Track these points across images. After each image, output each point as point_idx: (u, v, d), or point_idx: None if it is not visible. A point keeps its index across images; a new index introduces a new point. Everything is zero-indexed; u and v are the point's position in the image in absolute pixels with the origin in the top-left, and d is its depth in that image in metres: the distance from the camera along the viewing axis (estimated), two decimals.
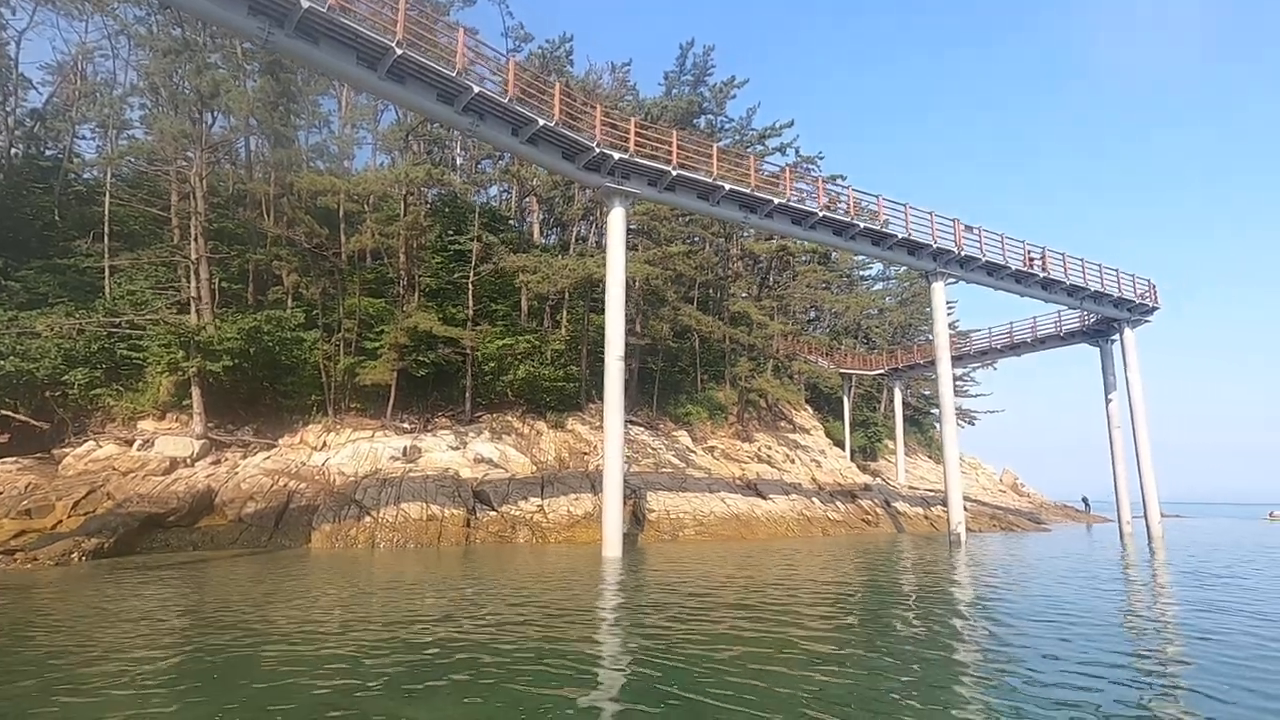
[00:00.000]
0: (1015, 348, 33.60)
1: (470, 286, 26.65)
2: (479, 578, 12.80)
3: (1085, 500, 50.35)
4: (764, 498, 26.35)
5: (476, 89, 15.11)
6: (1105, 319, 28.22)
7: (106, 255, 23.34)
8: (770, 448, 31.91)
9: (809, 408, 39.89)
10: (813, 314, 51.50)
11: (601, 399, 18.03)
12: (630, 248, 30.82)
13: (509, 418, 26.65)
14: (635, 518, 22.92)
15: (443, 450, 23.20)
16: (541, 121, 16.22)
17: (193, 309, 21.30)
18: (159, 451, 19.35)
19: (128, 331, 20.97)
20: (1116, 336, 28.48)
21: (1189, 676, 6.75)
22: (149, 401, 21.27)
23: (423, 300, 26.69)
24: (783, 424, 35.08)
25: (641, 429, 29.02)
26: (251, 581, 11.86)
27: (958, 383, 54.65)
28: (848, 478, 32.21)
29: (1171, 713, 5.64)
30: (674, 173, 18.29)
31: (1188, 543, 26.74)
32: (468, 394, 26.01)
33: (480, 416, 26.49)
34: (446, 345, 24.77)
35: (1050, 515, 44.18)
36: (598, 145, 17.26)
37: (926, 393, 52.90)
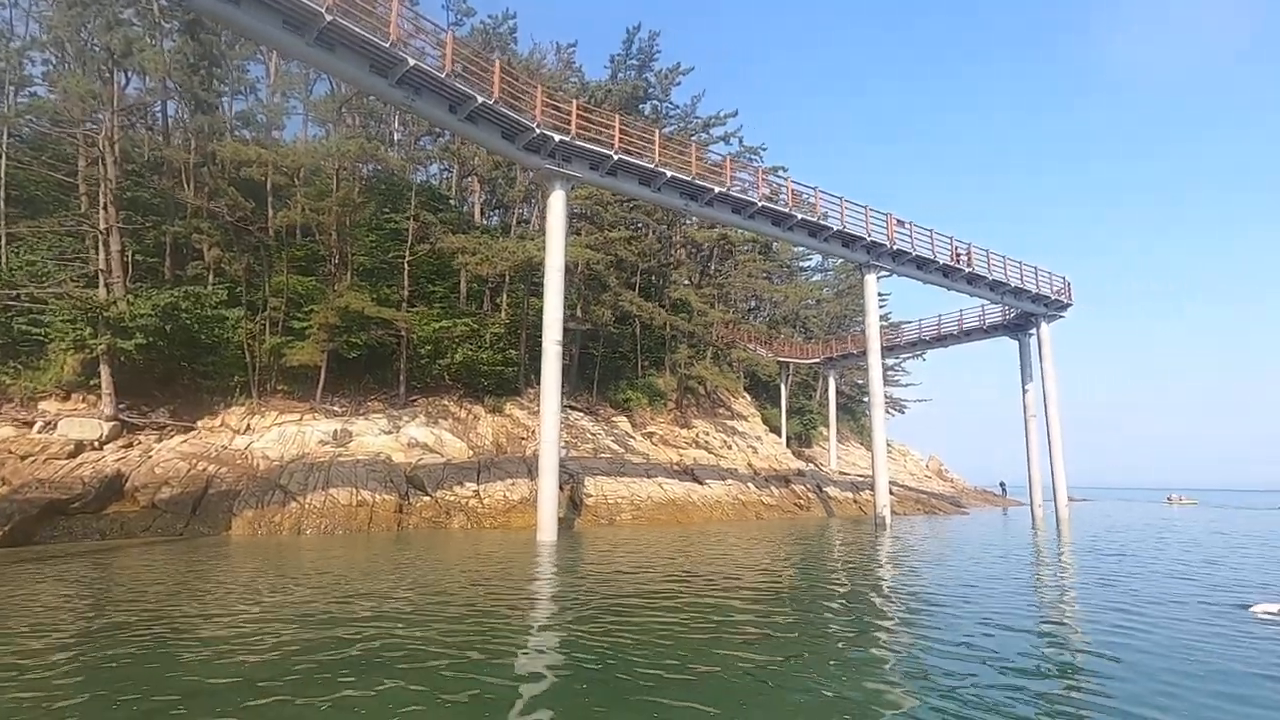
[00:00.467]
0: (942, 339, 35.08)
1: (406, 266, 25.91)
2: (408, 563, 12.58)
3: (1003, 485, 53.24)
4: (701, 483, 26.78)
5: (412, 62, 14.62)
6: (1024, 314, 29.77)
7: (3, 222, 21.60)
8: (708, 434, 32.41)
9: (747, 395, 40.64)
10: (753, 303, 52.36)
11: (541, 383, 17.90)
12: (573, 232, 30.61)
13: (445, 402, 26.17)
14: (572, 503, 22.96)
15: (375, 434, 22.60)
16: (480, 99, 15.84)
17: (101, 283, 19.97)
18: (63, 434, 18.15)
19: (27, 305, 19.51)
20: (1034, 330, 30.08)
21: (1078, 630, 7.54)
22: (51, 380, 19.88)
23: (356, 280, 25.80)
24: (721, 411, 35.66)
25: (581, 414, 29.00)
26: (164, 570, 11.32)
27: (890, 372, 56.74)
28: (782, 463, 33.07)
29: (1062, 660, 6.21)
30: (616, 157, 18.20)
31: (1090, 524, 28.64)
32: (402, 377, 25.37)
33: (415, 400, 25.90)
34: (380, 327, 24.06)
35: (971, 499, 46.53)
36: (538, 126, 17.00)
37: (860, 381, 54.61)
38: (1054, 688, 5.86)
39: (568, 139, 17.41)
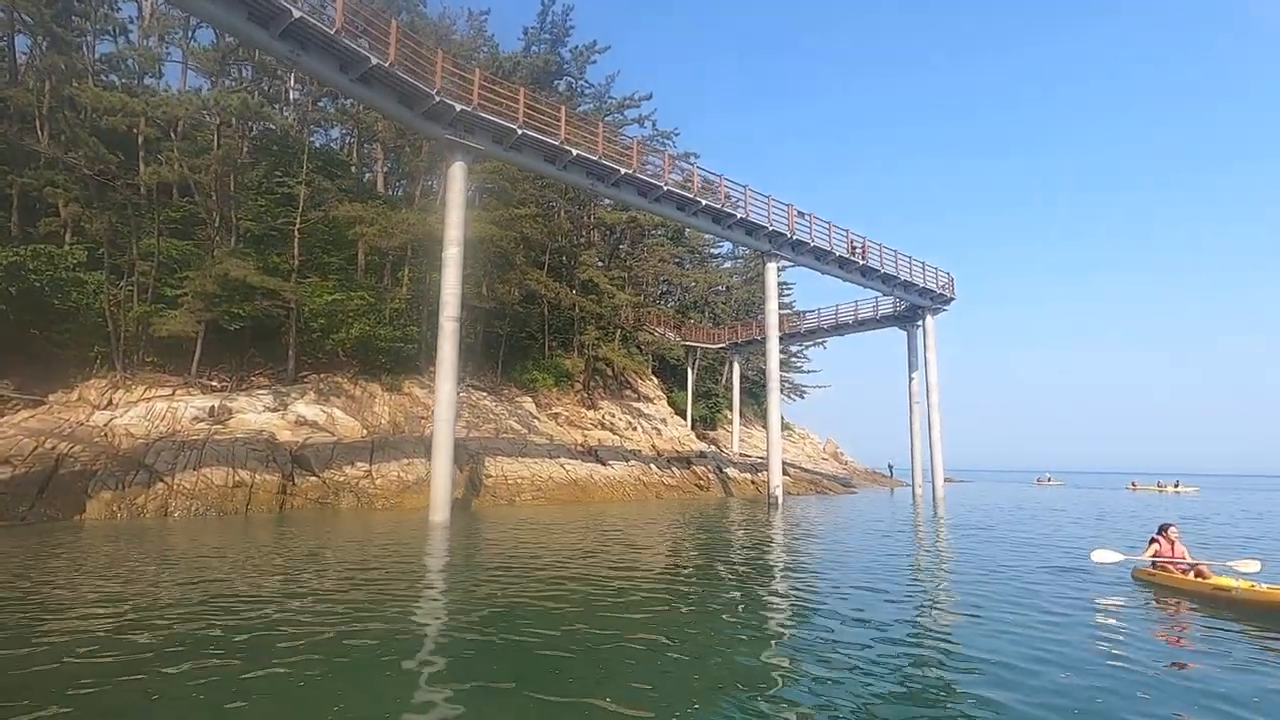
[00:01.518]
0: (839, 328, 36.78)
1: (297, 234, 24.41)
2: (284, 545, 12.01)
3: (890, 467, 56.66)
4: (604, 464, 26.97)
5: (297, 13, 13.69)
6: (912, 306, 31.64)
7: None
8: (614, 415, 32.63)
9: (655, 378, 41.15)
10: (665, 287, 52.90)
11: (437, 362, 17.39)
12: (482, 207, 29.81)
13: (339, 379, 25.00)
14: (471, 483, 22.60)
15: (258, 411, 21.32)
16: (374, 60, 15.06)
17: None
18: None
19: None
20: (920, 322, 32.06)
21: (944, 590, 8.35)
22: None
23: (241, 246, 24.09)
24: (628, 393, 35.96)
25: (485, 394, 28.48)
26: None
27: (792, 359, 58.97)
28: (685, 445, 33.80)
29: (930, 613, 6.80)
30: (520, 132, 17.82)
31: (964, 503, 30.98)
32: (291, 352, 24.00)
33: (306, 376, 24.59)
34: (267, 297, 22.61)
35: (862, 480, 49.28)
36: (438, 94, 16.36)
37: (765, 367, 56.48)
38: (923, 639, 6.48)
39: (469, 109, 16.87)
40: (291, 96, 34.74)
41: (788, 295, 57.75)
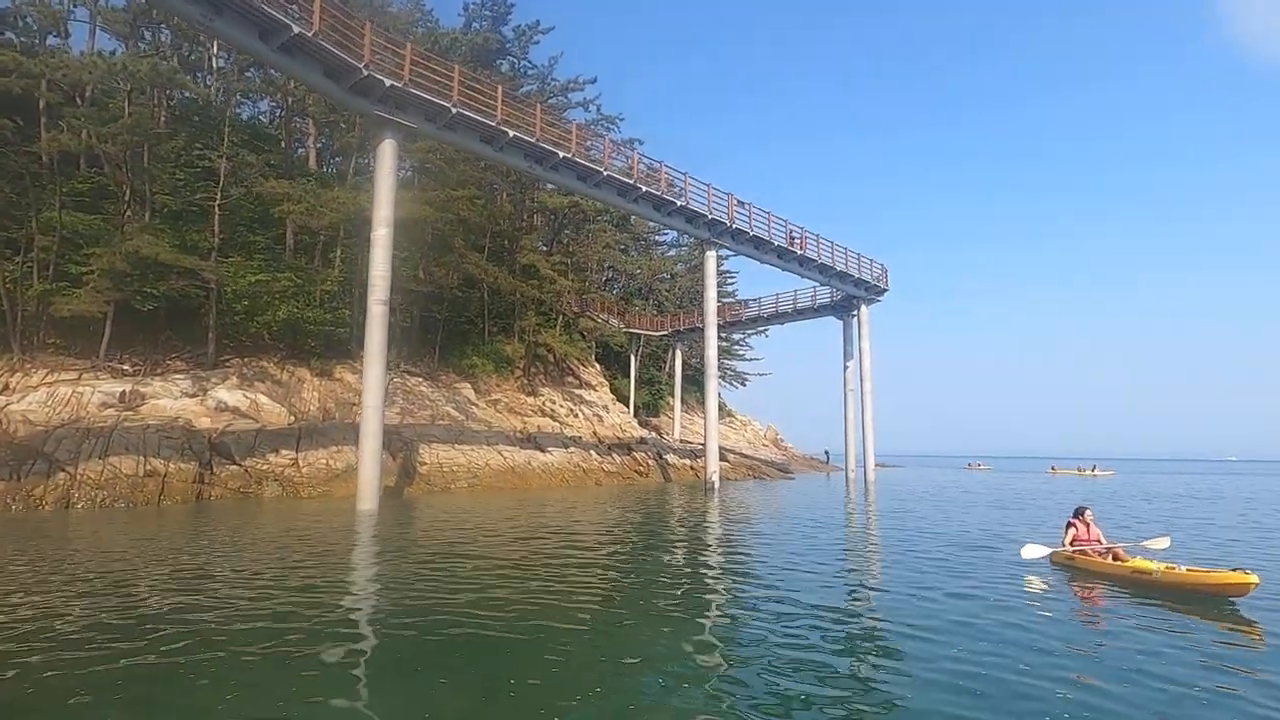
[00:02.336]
0: (780, 316, 37.43)
1: (217, 211, 23.18)
2: (194, 536, 11.49)
3: (827, 453, 58.31)
4: (543, 450, 26.78)
5: None
6: (848, 296, 32.43)
7: None
8: (555, 402, 32.42)
9: (598, 365, 41.04)
10: (609, 274, 52.72)
11: (365, 346, 16.85)
12: (420, 188, 28.96)
13: (264, 363, 23.98)
14: (405, 470, 22.11)
15: (174, 397, 20.26)
16: (297, 29, 14.35)
17: None
18: None
19: None
20: (856, 312, 32.91)
21: (873, 573, 8.54)
22: None
23: (156, 222, 22.74)
24: (570, 379, 35.76)
25: (421, 380, 27.85)
26: None
27: (735, 346, 59.79)
28: (626, 432, 33.89)
29: (858, 595, 7.26)
30: (454, 111, 17.33)
31: (893, 487, 32.08)
32: (211, 334, 22.85)
33: (228, 361, 23.49)
34: (184, 277, 21.44)
35: (800, 466, 50.53)
36: (366, 67, 15.72)
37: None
38: (851, 620, 6.68)
39: (400, 85, 16.28)
40: (215, 65, 32.93)
41: (730, 284, 58.40)
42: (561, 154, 19.60)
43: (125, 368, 20.97)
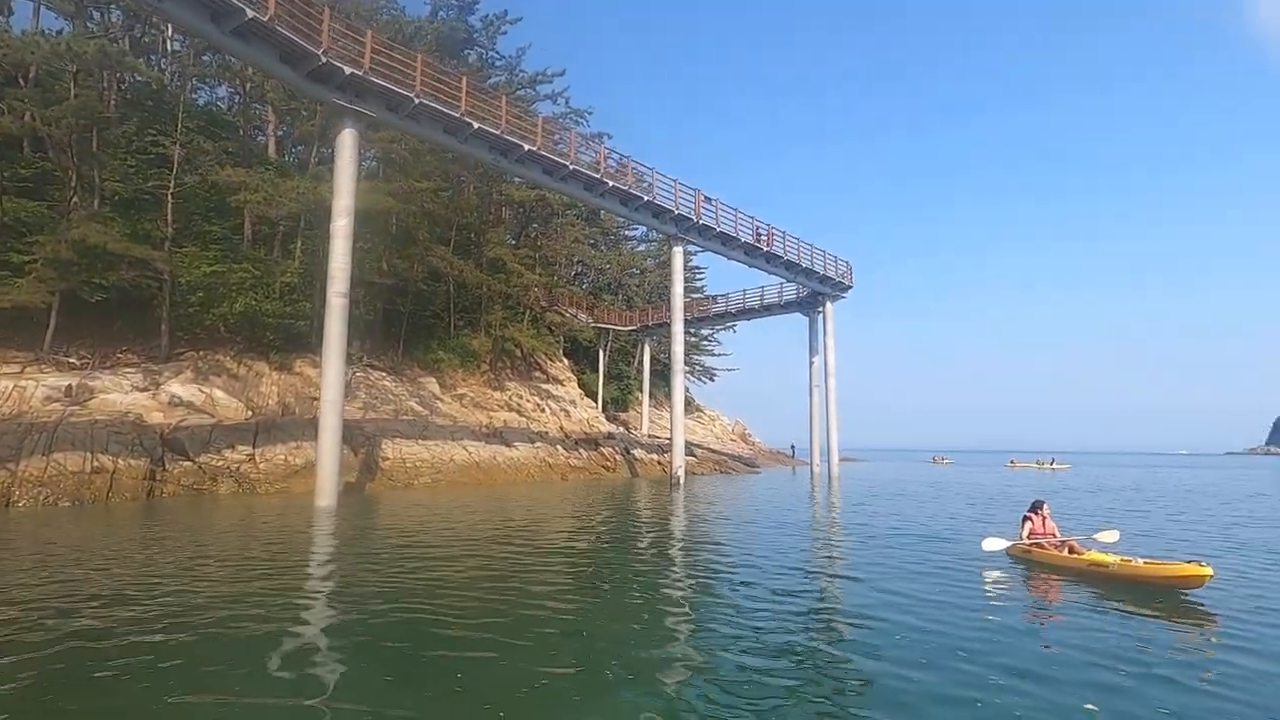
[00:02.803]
0: (746, 312, 37.71)
1: (170, 199, 22.47)
2: (144, 534, 11.18)
3: (793, 447, 59.03)
4: (509, 446, 26.61)
5: None
6: (814, 292, 32.81)
7: None
8: (522, 397, 32.22)
9: (566, 359, 40.88)
10: (579, 268, 52.48)
11: (324, 339, 16.52)
12: (385, 179, 28.45)
13: (220, 356, 23.35)
14: (367, 466, 21.80)
15: (124, 391, 19.62)
16: (251, 13, 13.95)
17: None
18: None
19: None
20: (821, 308, 33.31)
21: (835, 565, 8.63)
22: None
23: (106, 210, 21.95)
24: (537, 374, 35.57)
25: (384, 374, 27.42)
26: None
27: (703, 342, 60.10)
28: (594, 427, 33.85)
29: (819, 586, 7.41)
30: (416, 100, 17.05)
31: (857, 481, 32.62)
32: (165, 327, 22.16)
33: (183, 354, 22.81)
34: (134, 267, 20.73)
35: (767, 460, 51.09)
36: (324, 54, 15.37)
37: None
38: (809, 615, 6.76)
39: (360, 73, 15.96)
40: (170, 48, 31.88)
41: (699, 280, 58.65)
42: (527, 147, 19.44)
43: (72, 361, 20.23)
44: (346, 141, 16.48)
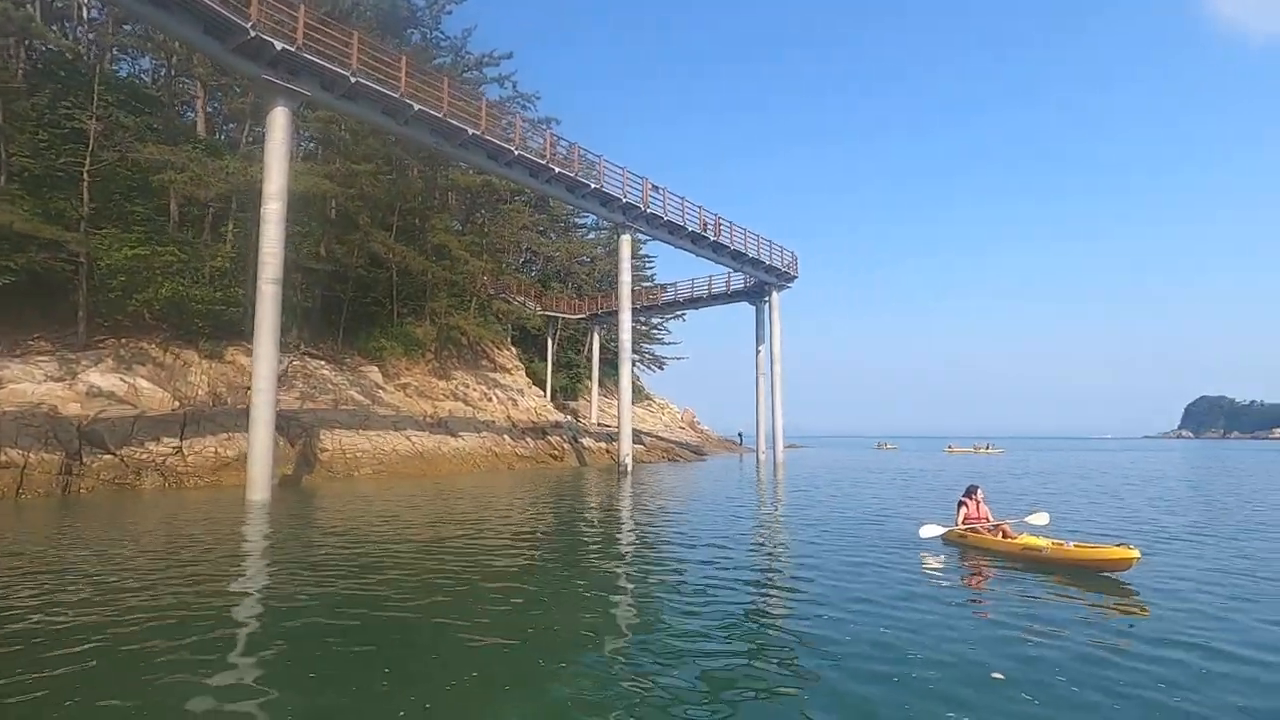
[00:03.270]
0: (695, 301, 37.99)
1: (86, 177, 21.17)
2: (57, 533, 10.59)
3: (740, 435, 59.94)
4: (454, 435, 26.22)
5: None
6: (760, 282, 33.28)
7: None
8: (468, 386, 31.73)
9: (514, 348, 40.41)
10: (527, 256, 51.89)
11: (255, 326, 15.88)
12: (325, 161, 27.43)
13: (145, 344, 22.20)
14: (305, 458, 21.18)
15: (36, 381, 18.48)
16: None
17: None
18: None
19: None
20: (768, 298, 33.83)
21: (778, 550, 8.79)
22: None
23: (14, 188, 20.52)
24: (484, 363, 35.05)
25: (323, 363, 26.58)
26: None
27: (653, 330, 60.32)
28: (542, 416, 33.63)
29: (761, 570, 7.49)
30: (353, 80, 16.46)
31: (802, 467, 33.38)
32: (82, 313, 20.93)
33: (102, 341, 21.60)
34: (45, 249, 19.49)
35: (715, 448, 51.78)
36: (253, 27, 14.66)
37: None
38: (746, 600, 6.88)
39: (291, 49, 15.29)
40: (86, 15, 29.93)
41: (649, 269, 58.77)
42: (470, 131, 19.03)
43: None
44: (278, 121, 15.80)
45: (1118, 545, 7.92)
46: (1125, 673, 4.65)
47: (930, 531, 10.13)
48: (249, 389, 22.66)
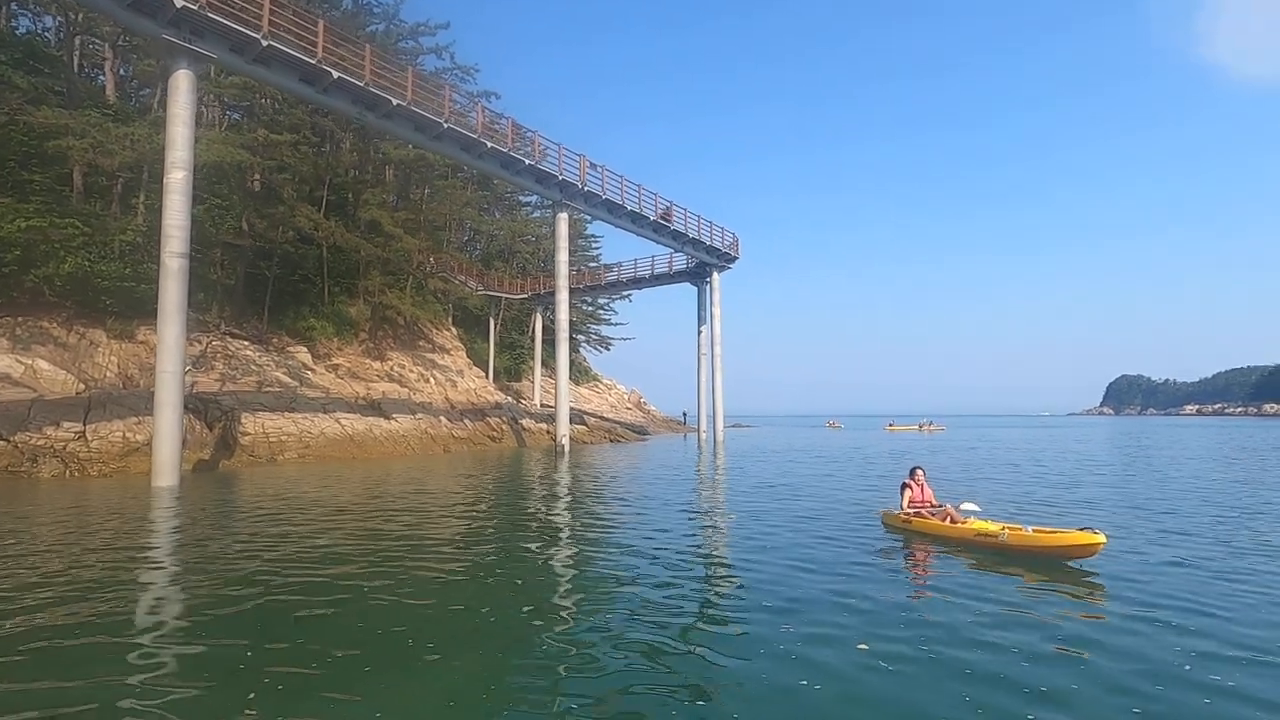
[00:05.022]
0: (638, 281, 37.88)
1: None
2: None
3: (685, 414, 60.41)
4: (387, 418, 25.55)
5: None
6: (702, 263, 33.35)
7: None
8: (404, 367, 30.95)
9: (455, 328, 39.60)
10: (470, 234, 50.75)
11: (159, 304, 15.02)
12: (249, 130, 26.02)
13: (46, 323, 20.80)
14: (224, 442, 20.31)
15: None
16: None
17: None
18: None
19: None
20: (709, 279, 33.95)
21: (716, 523, 8.68)
22: None
23: None
24: (422, 343, 34.21)
25: (246, 343, 25.46)
26: None
27: (599, 311, 60.04)
28: (481, 397, 33.13)
29: (698, 542, 7.44)
30: (264, 43, 15.56)
31: (743, 446, 33.79)
32: None
33: None
34: None
35: (660, 427, 52.09)
36: None
37: (574, 319, 56.77)
38: (700, 574, 6.88)
39: (194, 7, 14.33)
40: None
41: (595, 249, 58.35)
42: (395, 101, 18.29)
43: None
44: (181, 85, 14.81)
45: (1080, 530, 7.11)
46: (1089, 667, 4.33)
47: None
48: None
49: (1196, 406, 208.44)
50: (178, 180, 14.61)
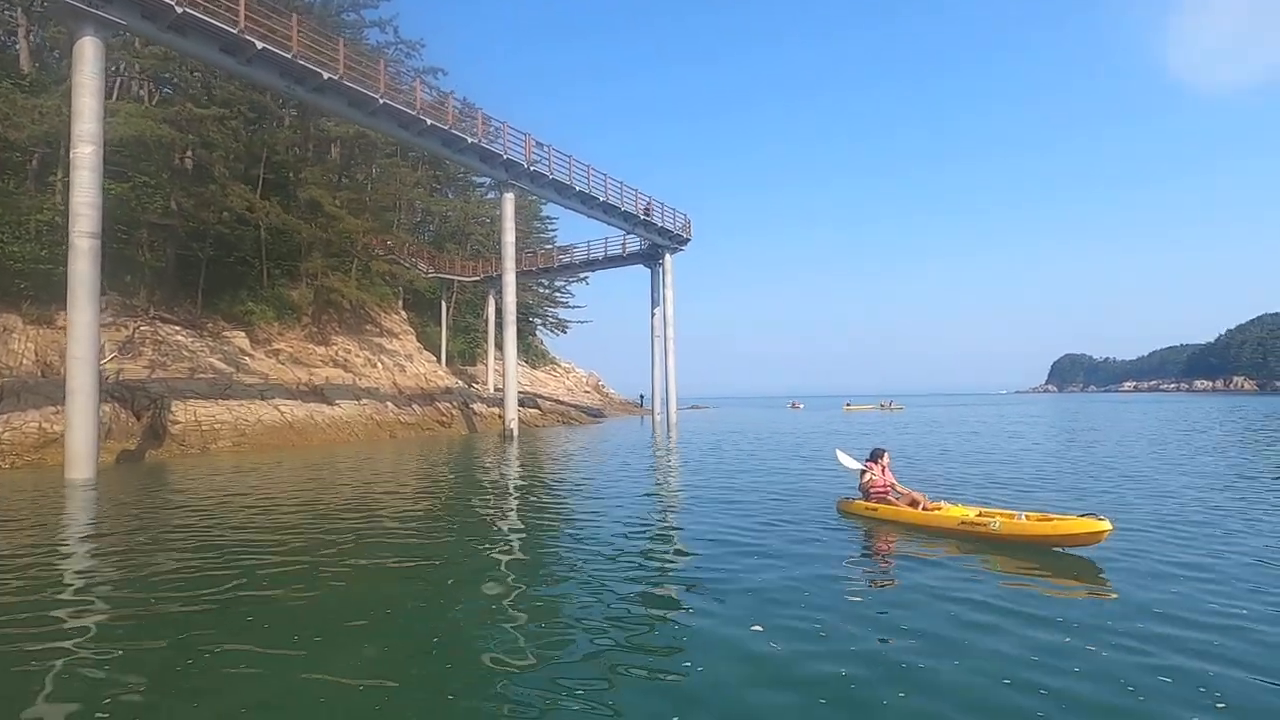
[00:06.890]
0: (591, 264, 37.57)
1: None
2: None
3: (642, 397, 60.43)
4: (330, 404, 24.90)
5: None
6: (654, 245, 33.18)
7: None
8: (350, 351, 30.15)
9: (405, 312, 38.74)
10: (422, 215, 49.55)
11: (69, 287, 14.20)
12: (177, 104, 24.71)
13: None
14: (152, 431, 19.52)
15: None
16: None
17: None
18: None
19: None
20: (661, 261, 33.82)
21: (667, 502, 8.54)
22: None
23: None
24: (369, 327, 33.36)
25: (178, 328, 24.42)
26: None
27: (556, 293, 59.47)
28: (431, 382, 32.53)
29: (651, 532, 7.43)
30: (179, 9, 14.71)
31: (696, 426, 33.97)
32: None
33: None
34: None
35: (617, 410, 52.02)
36: None
37: (530, 302, 56.08)
38: (647, 561, 6.73)
39: None
40: None
41: (551, 230, 57.68)
42: (326, 75, 17.56)
43: None
44: (87, 53, 13.92)
45: (1083, 516, 6.36)
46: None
47: (846, 460, 8.85)
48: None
49: (1134, 383, 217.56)
50: (85, 155, 13.77)
